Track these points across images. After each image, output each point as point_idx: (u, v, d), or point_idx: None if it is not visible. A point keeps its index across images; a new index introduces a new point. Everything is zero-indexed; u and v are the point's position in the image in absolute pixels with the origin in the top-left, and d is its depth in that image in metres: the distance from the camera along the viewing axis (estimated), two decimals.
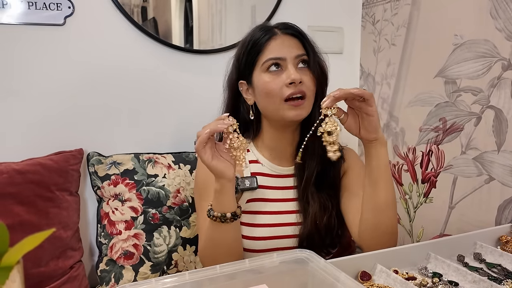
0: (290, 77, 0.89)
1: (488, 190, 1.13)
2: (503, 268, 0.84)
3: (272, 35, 0.93)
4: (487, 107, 1.12)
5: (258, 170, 1.00)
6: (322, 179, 1.00)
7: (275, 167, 1.01)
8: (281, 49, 0.92)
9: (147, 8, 1.34)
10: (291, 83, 0.89)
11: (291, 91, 0.90)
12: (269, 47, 0.92)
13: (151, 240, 1.21)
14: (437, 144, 1.28)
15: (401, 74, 1.43)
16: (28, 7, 1.17)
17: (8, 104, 1.20)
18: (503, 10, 1.06)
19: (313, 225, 0.95)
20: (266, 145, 1.02)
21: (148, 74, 1.35)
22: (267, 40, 0.93)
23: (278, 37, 0.93)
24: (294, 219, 0.98)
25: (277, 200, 0.99)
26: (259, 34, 0.94)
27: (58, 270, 1.14)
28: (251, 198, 0.97)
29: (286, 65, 0.92)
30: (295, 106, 0.91)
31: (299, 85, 0.90)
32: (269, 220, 0.96)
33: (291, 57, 0.92)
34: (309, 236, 0.95)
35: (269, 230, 0.95)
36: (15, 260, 0.32)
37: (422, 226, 1.37)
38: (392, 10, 1.45)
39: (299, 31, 0.97)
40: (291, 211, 0.99)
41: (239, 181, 0.94)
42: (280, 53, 0.91)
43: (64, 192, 1.19)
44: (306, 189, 0.98)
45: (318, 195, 0.98)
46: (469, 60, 1.16)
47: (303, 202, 0.98)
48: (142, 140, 1.37)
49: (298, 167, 1.00)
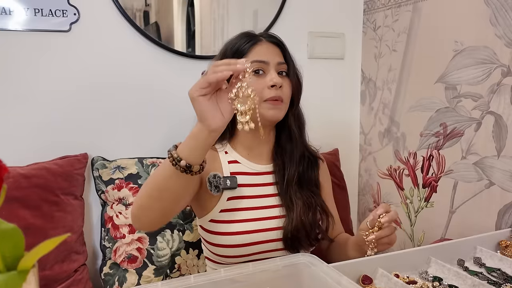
0: (273, 80, 0.94)
1: (488, 195, 1.14)
2: (502, 272, 0.85)
3: (257, 41, 0.99)
4: (487, 113, 1.13)
5: (237, 169, 1.01)
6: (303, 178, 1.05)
7: (253, 165, 1.03)
8: (265, 54, 0.98)
9: (149, 12, 1.35)
10: (273, 86, 0.94)
11: (272, 94, 0.95)
12: (254, 51, 0.98)
13: (155, 243, 1.22)
14: (438, 149, 1.29)
15: (402, 79, 1.44)
16: (34, 13, 1.19)
17: (14, 109, 1.22)
18: (502, 18, 1.07)
19: (299, 221, 0.97)
20: (244, 145, 1.04)
21: (152, 79, 1.37)
22: (253, 45, 0.98)
23: (263, 43, 1.00)
24: (277, 213, 1.00)
25: (257, 196, 1.01)
26: (244, 39, 1.00)
27: (63, 274, 1.15)
28: (231, 196, 0.98)
29: (268, 69, 0.97)
30: (273, 105, 0.95)
31: (279, 90, 0.96)
32: (251, 215, 0.98)
33: (274, 63, 0.98)
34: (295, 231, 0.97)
35: (252, 224, 0.97)
36: (31, 263, 0.34)
37: (423, 231, 1.38)
38: (393, 16, 1.47)
39: (282, 42, 1.03)
40: (273, 206, 1.01)
41: (221, 181, 0.95)
42: (264, 57, 0.97)
43: (69, 196, 1.20)
44: (288, 188, 1.02)
45: (300, 193, 1.02)
46: (469, 66, 1.17)
47: (285, 196, 1.01)
48: (146, 144, 1.38)
49: (277, 164, 1.04)
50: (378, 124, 1.58)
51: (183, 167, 0.75)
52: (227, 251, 0.95)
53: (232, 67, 0.71)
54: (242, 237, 0.95)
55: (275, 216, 0.99)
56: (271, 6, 1.49)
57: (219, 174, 0.96)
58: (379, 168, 1.58)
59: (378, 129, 1.58)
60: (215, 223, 0.96)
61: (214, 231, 0.96)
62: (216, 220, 0.96)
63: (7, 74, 1.20)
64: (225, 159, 1.02)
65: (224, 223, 0.96)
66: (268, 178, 1.04)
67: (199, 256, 1.28)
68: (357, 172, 1.72)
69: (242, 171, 1.01)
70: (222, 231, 0.95)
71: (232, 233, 0.95)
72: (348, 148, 1.69)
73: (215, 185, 0.94)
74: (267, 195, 1.02)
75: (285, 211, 1.00)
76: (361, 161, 1.70)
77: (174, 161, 0.75)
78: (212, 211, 0.97)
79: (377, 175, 1.60)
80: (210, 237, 0.97)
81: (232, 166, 1.02)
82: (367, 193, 1.67)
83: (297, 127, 1.05)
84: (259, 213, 0.99)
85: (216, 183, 0.94)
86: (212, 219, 0.97)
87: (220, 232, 0.95)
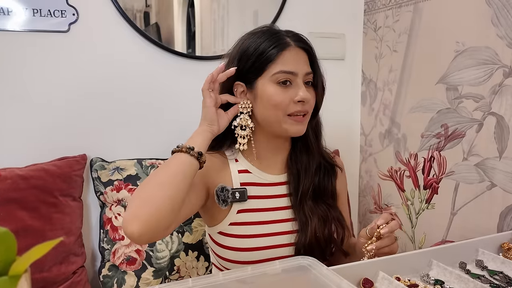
0: (301, 96, 0.89)
1: (490, 197, 1.13)
2: (505, 275, 0.85)
3: (286, 46, 0.91)
4: (489, 114, 1.12)
5: (248, 180, 0.96)
6: (318, 190, 1.00)
7: (265, 175, 0.98)
8: (294, 64, 0.91)
9: (149, 13, 1.35)
10: (300, 101, 0.90)
11: (297, 108, 0.90)
12: (282, 58, 0.90)
13: (154, 245, 1.21)
14: (439, 150, 1.29)
15: (402, 80, 1.43)
16: (33, 14, 1.19)
17: (13, 110, 1.21)
18: (504, 18, 1.07)
19: (313, 237, 0.93)
20: (257, 154, 0.98)
21: (151, 80, 1.36)
22: (281, 51, 0.90)
23: (292, 49, 0.91)
24: (289, 227, 0.95)
25: (269, 209, 0.96)
26: (271, 42, 0.91)
27: (61, 276, 1.15)
28: (242, 208, 0.94)
29: (296, 81, 0.91)
30: (297, 121, 0.92)
31: (306, 104, 0.92)
32: (263, 230, 0.93)
33: (302, 73, 0.91)
34: (308, 248, 0.92)
35: (264, 240, 0.92)
36: (24, 268, 0.33)
37: (424, 232, 1.37)
38: (393, 17, 1.46)
39: (310, 46, 0.96)
40: (285, 220, 0.96)
41: (229, 194, 0.91)
42: (293, 68, 0.90)
43: (68, 198, 1.19)
44: (302, 202, 0.96)
45: (315, 207, 0.97)
46: (471, 67, 1.17)
47: (298, 210, 0.96)
48: (145, 145, 1.38)
49: (292, 174, 0.99)
50: (378, 125, 1.57)
51: (195, 153, 0.83)
52: (235, 266, 0.92)
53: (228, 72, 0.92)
54: (252, 254, 0.91)
55: (287, 231, 0.95)
56: (271, 7, 1.49)
57: (227, 187, 0.91)
58: (380, 170, 1.58)
59: (378, 130, 1.57)
60: (224, 236, 0.93)
61: (223, 244, 0.93)
62: (225, 233, 0.93)
63: (5, 74, 1.19)
64: (235, 168, 0.97)
65: (234, 237, 0.92)
66: (281, 189, 0.99)
67: (198, 258, 1.27)
68: (358, 173, 1.71)
69: (253, 182, 0.96)
70: (231, 246, 0.92)
71: (242, 249, 0.91)
72: (348, 149, 1.68)
73: (223, 199, 0.90)
74: (280, 208, 0.97)
75: (298, 225, 0.95)
76: (362, 162, 1.70)
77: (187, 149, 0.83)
78: (221, 223, 0.93)
79: (377, 176, 1.59)
80: (218, 250, 0.94)
81: (242, 176, 0.96)
82: (368, 194, 1.66)
83: (314, 135, 1.01)
84: (270, 227, 0.94)
85: (224, 197, 0.90)
86: (221, 231, 0.93)
87: (229, 247, 0.92)
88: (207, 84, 0.91)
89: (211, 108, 0.90)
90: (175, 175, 0.79)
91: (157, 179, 0.80)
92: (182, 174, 0.80)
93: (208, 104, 0.90)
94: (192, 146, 0.84)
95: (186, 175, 0.81)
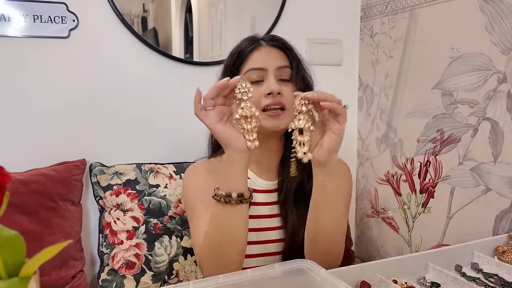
0: (269, 88, 0.90)
1: (485, 201, 1.14)
2: (499, 278, 0.86)
3: (256, 46, 0.95)
4: (484, 119, 1.14)
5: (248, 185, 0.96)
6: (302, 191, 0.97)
7: (259, 180, 1.00)
8: (264, 60, 0.93)
9: (147, 18, 1.36)
10: (269, 93, 0.90)
11: (268, 101, 0.90)
12: (252, 57, 0.94)
13: (153, 249, 1.22)
14: (435, 155, 1.30)
15: (399, 86, 1.45)
16: (33, 20, 1.20)
17: (13, 115, 1.22)
18: (498, 25, 1.09)
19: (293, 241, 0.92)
20: (253, 159, 0.98)
21: (150, 85, 1.37)
22: (251, 50, 0.94)
23: (262, 48, 0.95)
24: (278, 236, 0.95)
25: (263, 216, 0.96)
26: (244, 44, 0.96)
27: (60, 280, 1.15)
28: None
29: (267, 76, 0.92)
30: (272, 116, 0.91)
31: (278, 96, 0.90)
32: (256, 238, 0.94)
33: (273, 68, 0.92)
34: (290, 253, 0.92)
35: (256, 248, 0.93)
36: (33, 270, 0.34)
37: (421, 236, 1.38)
38: (390, 23, 1.48)
39: (284, 43, 0.97)
40: (275, 228, 0.96)
41: None
42: (261, 64, 0.92)
43: (67, 202, 1.20)
44: (285, 204, 0.96)
45: (297, 209, 0.95)
46: (466, 73, 1.18)
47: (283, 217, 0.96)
48: (144, 150, 1.38)
49: (281, 182, 0.98)
50: (375, 130, 1.59)
51: (235, 199, 0.77)
52: None
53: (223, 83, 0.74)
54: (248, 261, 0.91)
55: (276, 239, 0.95)
56: (269, 13, 1.50)
57: None
58: (377, 174, 1.59)
59: (375, 135, 1.59)
60: None
61: None
62: None
63: (6, 80, 1.20)
64: None
65: None
66: (274, 197, 0.99)
67: (197, 262, 1.28)
68: (355, 178, 1.72)
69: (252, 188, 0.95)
70: None
71: None
72: (345, 153, 1.68)
73: None
74: (271, 215, 0.97)
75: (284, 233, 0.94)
76: (359, 167, 1.71)
77: (225, 199, 0.76)
78: None
79: (374, 180, 1.61)
80: None
81: None
82: (365, 198, 1.68)
83: None
84: (263, 235, 0.94)
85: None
86: None
87: None
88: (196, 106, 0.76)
89: (215, 126, 0.76)
90: (228, 236, 0.80)
91: (216, 245, 0.81)
92: (231, 235, 0.80)
93: (210, 124, 0.77)
94: (227, 192, 0.77)
95: (237, 226, 0.80)
